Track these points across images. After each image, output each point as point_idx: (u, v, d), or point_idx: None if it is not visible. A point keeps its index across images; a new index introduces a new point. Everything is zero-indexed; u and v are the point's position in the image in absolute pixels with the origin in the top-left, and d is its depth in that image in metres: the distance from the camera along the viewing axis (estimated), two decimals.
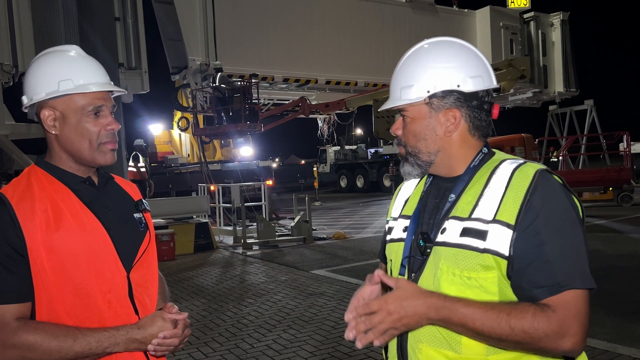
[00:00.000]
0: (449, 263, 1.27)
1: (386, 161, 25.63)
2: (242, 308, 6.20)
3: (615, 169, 15.24)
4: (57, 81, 1.45)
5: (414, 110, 1.36)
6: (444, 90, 1.32)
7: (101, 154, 1.50)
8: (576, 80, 21.76)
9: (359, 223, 14.18)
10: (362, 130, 35.79)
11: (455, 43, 1.37)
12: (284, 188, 25.18)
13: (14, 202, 1.39)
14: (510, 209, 1.22)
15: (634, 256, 7.77)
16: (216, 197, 12.71)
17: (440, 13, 20.05)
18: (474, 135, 1.37)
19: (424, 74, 1.34)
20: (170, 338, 1.45)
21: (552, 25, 21.52)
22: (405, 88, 1.36)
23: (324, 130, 21.28)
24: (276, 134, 26.72)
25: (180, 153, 20.07)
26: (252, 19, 15.68)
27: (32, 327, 1.34)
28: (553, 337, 1.16)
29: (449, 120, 1.34)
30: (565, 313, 1.16)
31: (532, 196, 1.22)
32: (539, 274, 1.18)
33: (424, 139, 1.36)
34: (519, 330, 1.15)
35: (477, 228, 1.25)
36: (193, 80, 15.06)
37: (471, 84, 1.32)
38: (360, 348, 1.30)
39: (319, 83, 17.23)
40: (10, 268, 1.35)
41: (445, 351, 1.27)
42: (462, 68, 1.33)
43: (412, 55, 1.39)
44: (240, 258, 9.80)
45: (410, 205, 1.48)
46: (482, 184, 1.30)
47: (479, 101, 1.34)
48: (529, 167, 1.27)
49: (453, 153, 1.37)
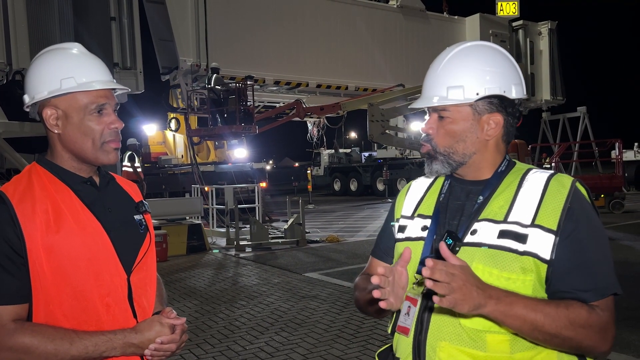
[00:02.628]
0: (486, 262, 1.27)
1: (380, 165, 25.69)
2: (235, 310, 6.18)
3: (607, 176, 15.36)
4: (59, 79, 1.43)
5: (456, 110, 1.36)
6: (491, 95, 1.33)
7: (104, 153, 1.49)
8: (563, 89, 22.02)
9: (353, 226, 14.18)
10: (356, 134, 35.86)
11: (496, 49, 1.39)
12: (278, 190, 25.18)
13: (14, 202, 1.37)
14: (551, 215, 1.26)
15: (625, 263, 7.83)
16: (209, 198, 12.68)
17: (431, 19, 20.19)
18: (504, 142, 1.40)
19: (473, 76, 1.33)
20: (167, 343, 1.44)
21: (540, 34, 21.77)
22: (453, 88, 1.34)
23: (313, 133, 21.30)
24: (270, 136, 26.76)
25: (173, 154, 20.04)
26: (244, 21, 15.67)
27: (29, 329, 1.33)
28: (600, 337, 1.22)
29: (490, 125, 1.36)
30: (609, 314, 1.24)
31: (572, 204, 1.26)
32: (585, 278, 1.24)
33: (463, 141, 1.37)
34: (577, 324, 1.19)
35: (516, 231, 1.27)
36: (184, 81, 15.00)
37: (514, 91, 1.35)
38: (427, 289, 1.16)
39: (310, 86, 17.24)
40: (9, 269, 1.33)
41: (469, 350, 1.26)
42: (507, 75, 1.35)
43: (458, 55, 1.38)
44: (233, 260, 9.78)
45: (427, 205, 1.48)
46: (513, 189, 1.33)
47: (514, 109, 1.37)
48: (564, 177, 1.33)
49: (486, 157, 1.38)
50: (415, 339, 1.35)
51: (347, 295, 6.60)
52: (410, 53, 19.07)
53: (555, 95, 21.74)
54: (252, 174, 18.18)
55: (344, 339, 4.94)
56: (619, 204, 14.33)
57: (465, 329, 1.26)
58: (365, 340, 4.88)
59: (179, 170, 18.61)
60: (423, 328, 1.34)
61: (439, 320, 1.31)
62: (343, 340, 4.92)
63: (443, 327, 1.29)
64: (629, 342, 4.62)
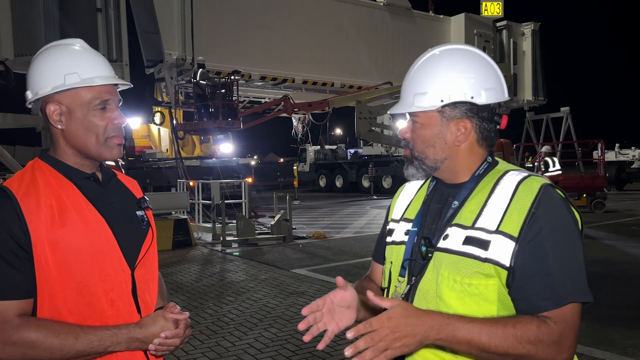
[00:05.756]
0: (450, 269, 1.28)
1: (365, 162, 25.79)
2: (223, 306, 6.17)
3: (589, 176, 15.60)
4: (63, 75, 1.43)
5: (425, 116, 1.36)
6: (457, 101, 1.32)
7: (108, 149, 1.49)
8: (544, 89, 22.35)
9: (339, 223, 14.22)
10: (342, 130, 35.93)
11: (471, 52, 1.36)
12: (263, 186, 25.14)
13: (19, 197, 1.36)
14: (514, 221, 1.23)
15: (606, 262, 7.96)
16: (195, 193, 12.60)
17: (417, 18, 20.35)
18: (482, 145, 1.38)
19: (438, 83, 1.33)
20: (171, 338, 1.45)
21: (523, 34, 22.10)
22: (418, 94, 1.35)
23: (298, 129, 21.30)
24: (255, 131, 26.63)
25: (158, 148, 19.85)
26: (231, 15, 15.58)
27: (34, 324, 1.32)
28: (554, 349, 1.18)
29: (460, 130, 1.34)
30: (564, 325, 1.19)
31: (537, 210, 1.23)
32: (542, 286, 1.20)
33: (433, 146, 1.37)
34: (525, 341, 1.16)
35: (480, 237, 1.26)
36: (168, 74, 14.88)
37: (484, 96, 1.32)
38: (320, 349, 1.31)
39: (296, 82, 17.25)
40: (14, 264, 1.32)
41: (442, 353, 1.27)
42: (476, 79, 1.32)
43: (427, 61, 1.37)
44: (220, 255, 9.75)
45: (413, 209, 1.49)
46: (485, 194, 1.31)
47: (489, 113, 1.34)
48: (534, 181, 1.28)
49: (459, 161, 1.37)
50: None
51: None
52: (396, 51, 19.16)
53: (537, 95, 22.09)
54: (237, 169, 18.10)
55: None
56: (601, 203, 14.57)
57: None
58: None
59: (164, 165, 18.45)
60: None
61: None
62: None
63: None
64: (612, 340, 4.71)
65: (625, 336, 4.80)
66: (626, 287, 6.51)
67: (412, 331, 1.14)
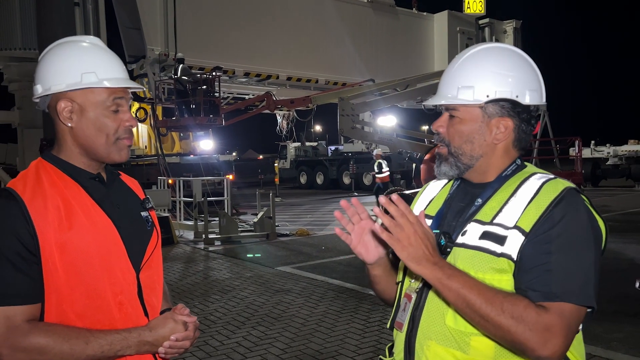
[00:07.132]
0: (465, 264, 1.28)
1: (346, 159, 25.80)
2: (209, 305, 6.12)
3: (566, 173, 15.90)
4: (80, 73, 1.39)
5: (465, 111, 1.35)
6: (502, 99, 1.32)
7: (117, 150, 1.46)
8: None
9: (321, 220, 14.22)
10: (322, 127, 35.93)
11: (516, 53, 1.37)
12: (244, 183, 24.95)
13: (26, 199, 1.32)
14: (530, 217, 1.23)
15: None
16: (177, 191, 12.46)
17: (400, 15, 20.46)
18: (515, 147, 1.37)
19: (485, 78, 1.32)
20: (182, 340, 1.42)
21: (505, 32, 22.44)
22: (464, 88, 1.33)
23: (283, 126, 21.24)
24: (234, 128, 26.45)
25: (137, 144, 19.57)
26: (214, 10, 15.44)
27: (44, 329, 1.29)
28: (536, 338, 1.14)
29: (500, 129, 1.34)
30: (557, 319, 1.15)
31: (554, 208, 1.23)
32: (538, 279, 1.19)
33: (471, 142, 1.35)
34: (508, 313, 1.15)
35: (497, 233, 1.26)
36: (151, 70, 14.68)
37: (529, 97, 1.32)
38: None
39: (280, 79, 17.20)
40: (22, 267, 1.28)
41: (453, 351, 1.28)
42: (523, 79, 1.32)
43: (474, 56, 1.36)
44: (202, 253, 9.67)
45: (434, 206, 1.49)
46: (509, 193, 1.31)
47: (528, 115, 1.35)
48: (559, 183, 1.29)
49: (492, 161, 1.37)
50: (407, 335, 1.36)
51: (320, 289, 6.62)
52: (379, 48, 19.23)
53: None
54: (218, 166, 17.95)
55: (321, 333, 4.96)
56: None
57: (450, 330, 1.28)
58: (343, 334, 4.91)
59: (143, 161, 18.20)
60: (414, 325, 1.35)
61: (428, 319, 1.33)
62: (320, 334, 4.94)
63: (431, 326, 1.31)
64: (596, 334, 4.80)
65: (608, 330, 4.90)
66: (605, 282, 6.64)
67: (421, 244, 1.19)
